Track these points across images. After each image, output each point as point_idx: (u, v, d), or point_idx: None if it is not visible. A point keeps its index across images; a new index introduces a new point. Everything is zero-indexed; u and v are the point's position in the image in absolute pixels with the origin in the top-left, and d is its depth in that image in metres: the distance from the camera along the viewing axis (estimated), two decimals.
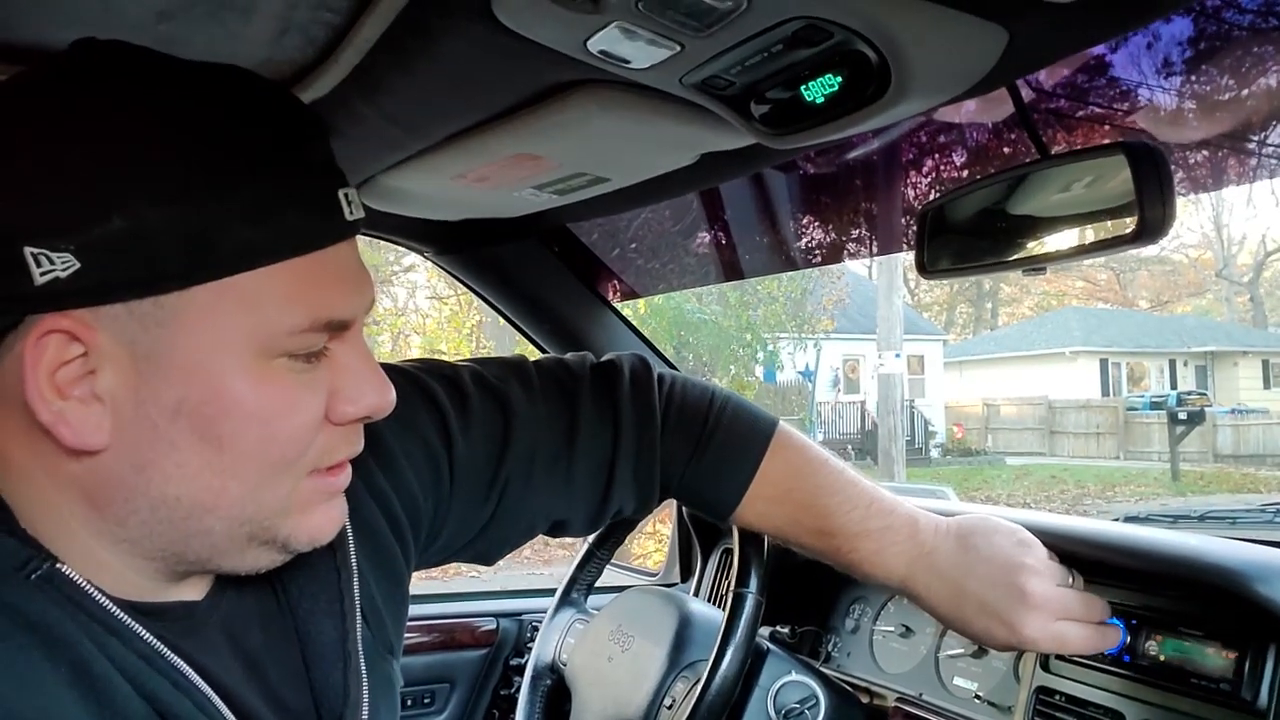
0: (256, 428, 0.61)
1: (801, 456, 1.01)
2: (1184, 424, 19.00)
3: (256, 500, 0.63)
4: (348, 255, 0.65)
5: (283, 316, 0.60)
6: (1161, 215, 0.83)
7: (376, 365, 0.69)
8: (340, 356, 0.66)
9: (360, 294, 0.66)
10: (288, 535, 0.66)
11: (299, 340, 0.62)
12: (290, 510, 0.66)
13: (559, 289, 1.80)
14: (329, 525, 0.69)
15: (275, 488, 0.64)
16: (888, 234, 1.68)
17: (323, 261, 0.62)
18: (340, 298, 0.63)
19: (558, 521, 1.00)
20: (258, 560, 0.67)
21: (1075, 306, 33.29)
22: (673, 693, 1.30)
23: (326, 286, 0.62)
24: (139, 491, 0.61)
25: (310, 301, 0.61)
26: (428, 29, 0.81)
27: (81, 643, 0.59)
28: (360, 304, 0.66)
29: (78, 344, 0.57)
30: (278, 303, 0.60)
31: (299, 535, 0.67)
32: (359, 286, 0.66)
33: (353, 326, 0.66)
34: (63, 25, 0.84)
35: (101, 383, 0.58)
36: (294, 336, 0.61)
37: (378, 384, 0.67)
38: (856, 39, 0.72)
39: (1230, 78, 1.35)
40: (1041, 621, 0.93)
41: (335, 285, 0.63)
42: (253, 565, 0.67)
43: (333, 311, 0.63)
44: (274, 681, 0.70)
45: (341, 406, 0.66)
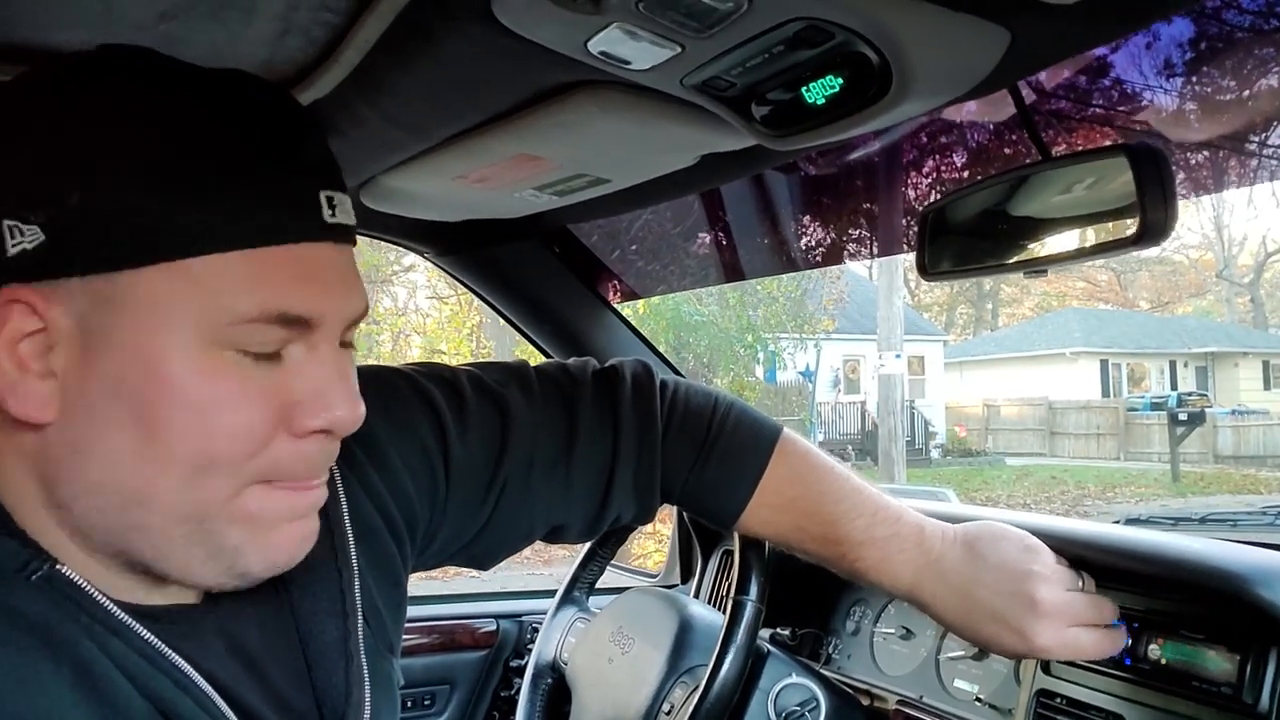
0: (191, 418, 0.59)
1: (806, 464, 1.00)
2: (1184, 425, 19.00)
3: (191, 499, 0.61)
4: (327, 259, 0.63)
5: (231, 304, 0.59)
6: (1163, 218, 0.83)
7: (349, 380, 0.66)
8: (307, 365, 0.63)
9: (332, 298, 0.63)
10: (236, 548, 0.63)
11: (248, 332, 0.60)
12: (237, 519, 0.63)
13: (559, 290, 1.79)
14: (289, 547, 0.66)
15: (211, 488, 0.61)
16: (888, 235, 1.68)
17: (290, 257, 0.61)
18: (300, 293, 0.61)
19: (556, 527, 0.99)
20: (210, 574, 0.64)
21: (1076, 307, 33.29)
22: (671, 698, 1.30)
23: (287, 282, 0.60)
24: (78, 474, 0.60)
25: (262, 291, 0.59)
26: (428, 30, 0.81)
27: (83, 643, 0.59)
28: (330, 306, 0.63)
29: (37, 318, 0.58)
30: (226, 290, 0.59)
31: (250, 552, 0.64)
32: (332, 291, 0.63)
33: (319, 330, 0.63)
34: (65, 25, 0.84)
35: (55, 359, 0.59)
36: (243, 326, 0.59)
37: (344, 398, 0.64)
38: (858, 40, 0.71)
39: (1231, 79, 1.34)
40: (1053, 629, 0.92)
41: (299, 282, 0.61)
42: (205, 578, 0.64)
43: (287, 304, 0.60)
44: (275, 682, 0.70)
45: (300, 417, 0.63)
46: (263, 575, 0.66)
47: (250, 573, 0.65)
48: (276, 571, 0.66)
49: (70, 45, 0.87)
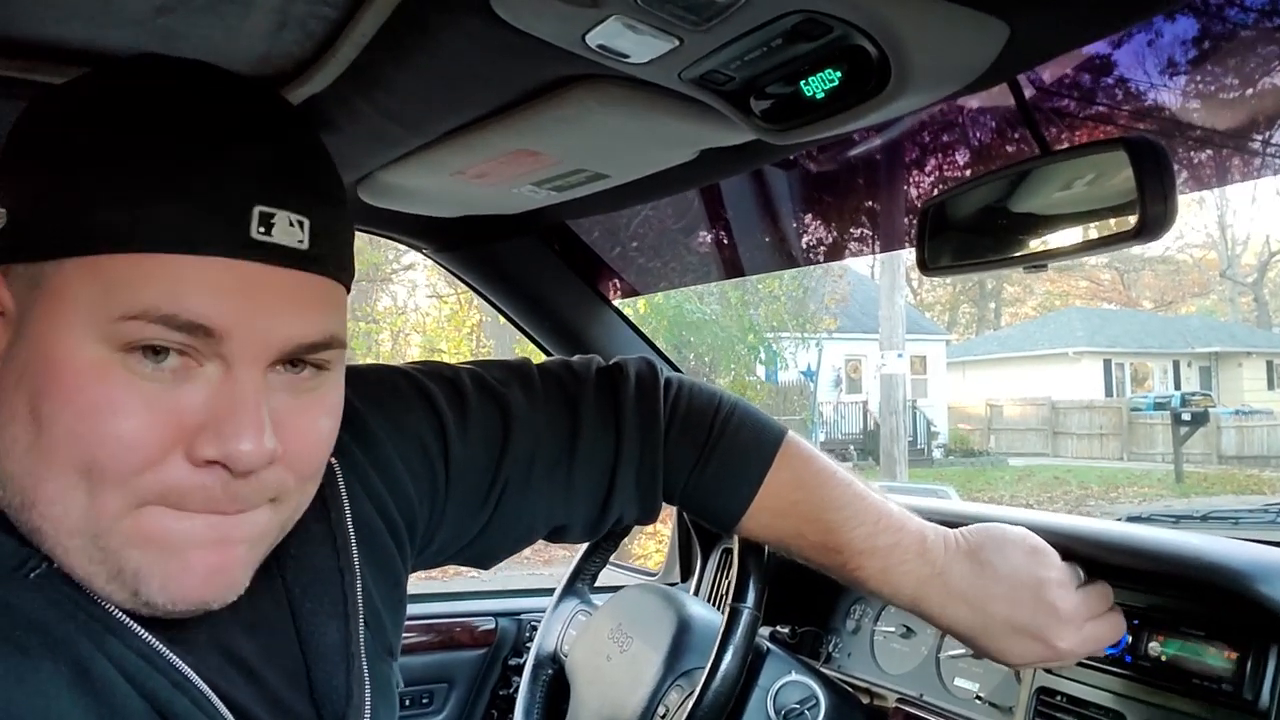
0: (71, 417, 0.57)
1: (809, 469, 0.98)
2: (1188, 425, 18.97)
3: (79, 508, 0.58)
4: (254, 277, 0.59)
5: (127, 298, 0.57)
6: (1163, 212, 0.82)
7: (259, 414, 0.60)
8: (216, 388, 0.59)
9: (251, 316, 0.59)
10: (135, 572, 0.59)
11: (132, 329, 0.57)
12: (134, 540, 0.59)
13: (558, 286, 1.79)
14: (193, 581, 0.61)
15: (97, 498, 0.58)
16: (889, 231, 1.67)
17: (204, 268, 0.58)
18: (207, 304, 0.57)
19: (557, 527, 0.98)
20: (127, 600, 0.60)
21: (1079, 307, 33.26)
22: (666, 701, 1.30)
23: (193, 289, 0.57)
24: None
25: (166, 291, 0.57)
26: (425, 24, 0.80)
27: (80, 643, 0.59)
28: (245, 325, 0.59)
29: None
30: (129, 287, 0.57)
31: (149, 580, 0.59)
32: (253, 309, 0.59)
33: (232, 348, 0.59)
34: (62, 19, 0.84)
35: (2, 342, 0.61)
36: (131, 322, 0.57)
37: (250, 430, 0.59)
38: (856, 33, 0.71)
39: (1234, 77, 1.34)
40: (1074, 632, 0.92)
41: (208, 293, 0.58)
42: (130, 605, 0.60)
43: (181, 306, 0.57)
44: (271, 684, 0.70)
45: (198, 442, 0.59)
46: (172, 608, 0.61)
47: (155, 602, 0.60)
48: (187, 606, 0.61)
49: (67, 39, 0.86)
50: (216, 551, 0.62)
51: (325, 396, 0.67)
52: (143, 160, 0.59)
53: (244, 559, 0.64)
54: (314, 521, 0.75)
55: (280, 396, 0.62)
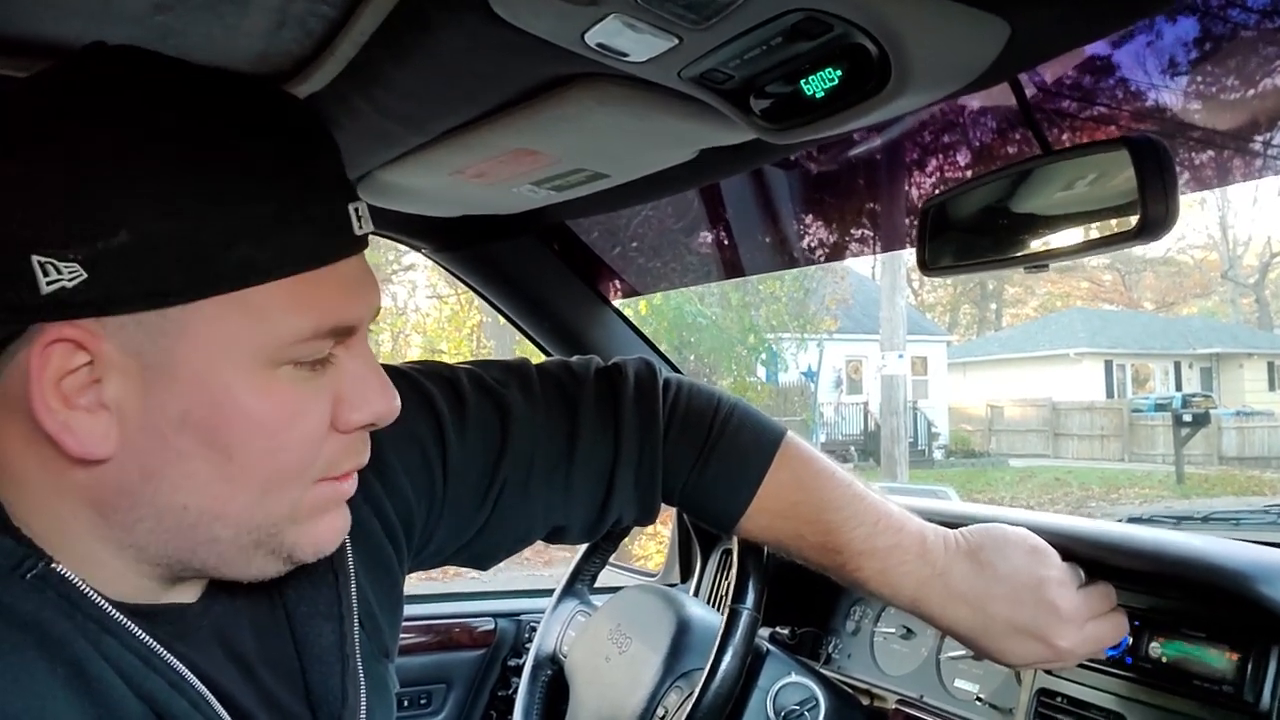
0: (263, 437, 0.61)
1: (809, 469, 0.98)
2: (1189, 426, 18.96)
3: (265, 508, 0.63)
4: (355, 266, 0.65)
5: (287, 326, 0.60)
6: (1164, 212, 0.82)
7: (381, 371, 0.69)
8: (345, 363, 0.66)
9: (365, 300, 0.66)
10: (293, 544, 0.66)
11: (304, 348, 0.62)
12: (299, 519, 0.65)
13: (558, 287, 1.79)
14: (333, 534, 0.69)
15: (283, 496, 0.64)
16: (889, 231, 1.67)
17: (333, 275, 0.63)
18: (345, 305, 0.64)
19: (556, 528, 0.98)
20: (263, 569, 0.66)
21: (1080, 308, 33.24)
22: (665, 703, 1.29)
23: (332, 296, 0.62)
24: (146, 500, 0.61)
25: (315, 310, 0.61)
26: (424, 22, 0.80)
27: (77, 642, 0.59)
28: (365, 310, 0.66)
29: (84, 353, 0.57)
30: (282, 314, 0.60)
31: (304, 544, 0.66)
32: (364, 293, 0.66)
33: (357, 332, 0.66)
34: (60, 18, 0.84)
35: (108, 391, 0.58)
36: (299, 345, 0.61)
37: (383, 389, 0.67)
38: (856, 32, 0.71)
39: (1235, 77, 1.34)
40: (1075, 631, 0.91)
41: (341, 294, 0.63)
42: (257, 574, 0.66)
43: (338, 318, 0.63)
44: (268, 685, 0.70)
45: (347, 414, 0.65)
46: (310, 559, 0.68)
47: (301, 559, 0.67)
48: (322, 554, 0.69)
49: (66, 38, 0.86)
50: (342, 511, 0.70)
51: None
52: (264, 191, 0.59)
53: (349, 513, 0.71)
54: None
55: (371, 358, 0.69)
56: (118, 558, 0.63)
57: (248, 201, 0.58)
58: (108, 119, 0.57)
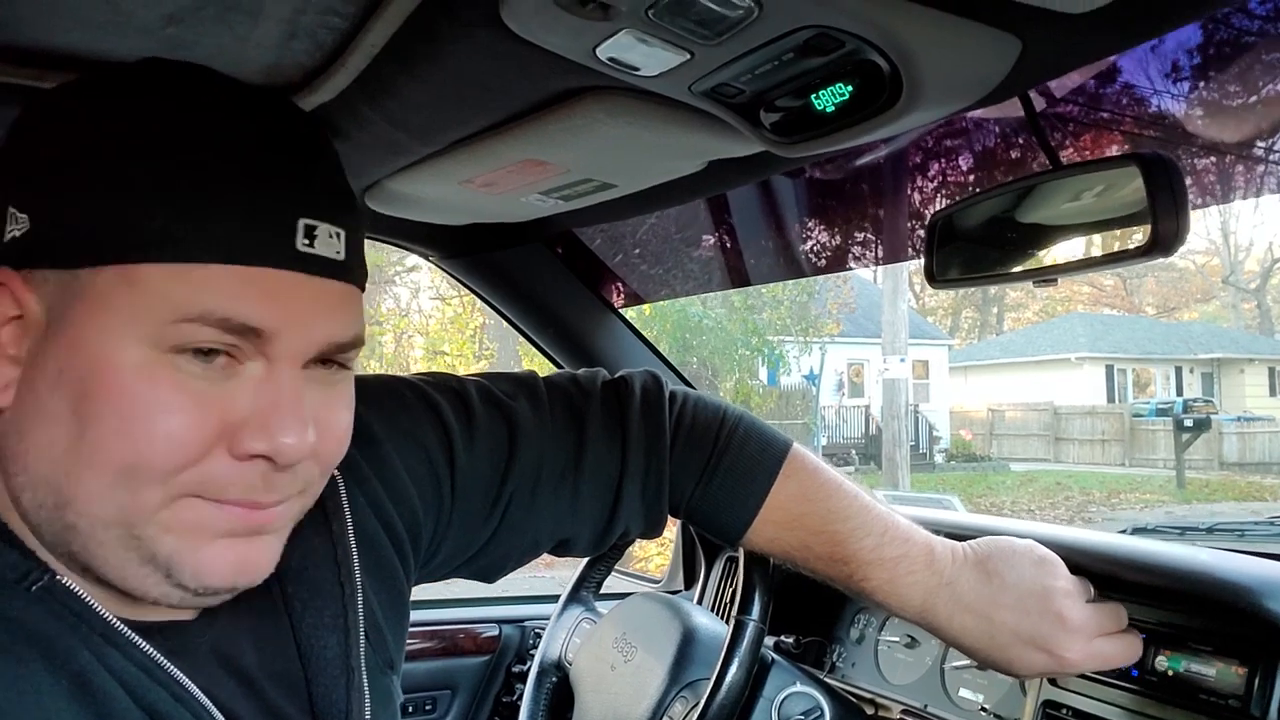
0: (118, 416, 0.58)
1: (814, 480, 0.98)
2: (1190, 431, 18.95)
3: (116, 501, 0.59)
4: (295, 285, 0.61)
5: (175, 305, 0.58)
6: (1175, 229, 0.82)
7: (299, 409, 0.62)
8: (259, 384, 0.61)
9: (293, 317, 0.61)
10: (169, 559, 0.61)
11: (189, 331, 0.58)
12: (169, 529, 0.61)
13: (563, 294, 1.79)
14: (224, 569, 0.63)
15: (139, 495, 0.59)
16: (894, 242, 1.67)
17: (248, 276, 0.59)
18: (255, 305, 0.59)
19: (562, 540, 0.98)
20: (157, 586, 0.62)
21: (1081, 312, 33.25)
22: (671, 713, 1.29)
23: (240, 295, 0.59)
24: (20, 463, 0.61)
25: (209, 297, 0.58)
26: (435, 35, 0.80)
27: (81, 654, 0.59)
28: (288, 325, 0.61)
29: (14, 303, 0.60)
30: (175, 295, 0.58)
31: (183, 564, 0.61)
32: (295, 311, 0.61)
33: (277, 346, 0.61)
34: (71, 28, 0.84)
35: (24, 345, 0.61)
36: (184, 325, 0.58)
37: (288, 425, 0.61)
38: (868, 48, 0.71)
39: (1240, 85, 1.34)
40: (1082, 644, 0.91)
41: (252, 294, 0.60)
42: (156, 592, 0.62)
43: (234, 310, 0.59)
44: (271, 698, 0.70)
45: (242, 437, 0.61)
46: (203, 591, 0.63)
47: (187, 587, 0.62)
48: (214, 592, 0.63)
49: (76, 48, 0.86)
50: (246, 542, 0.64)
51: (346, 392, 0.69)
52: (192, 173, 0.60)
53: (271, 547, 0.67)
54: (315, 534, 0.75)
55: (312, 392, 0.65)
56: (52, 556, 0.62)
57: (170, 182, 0.59)
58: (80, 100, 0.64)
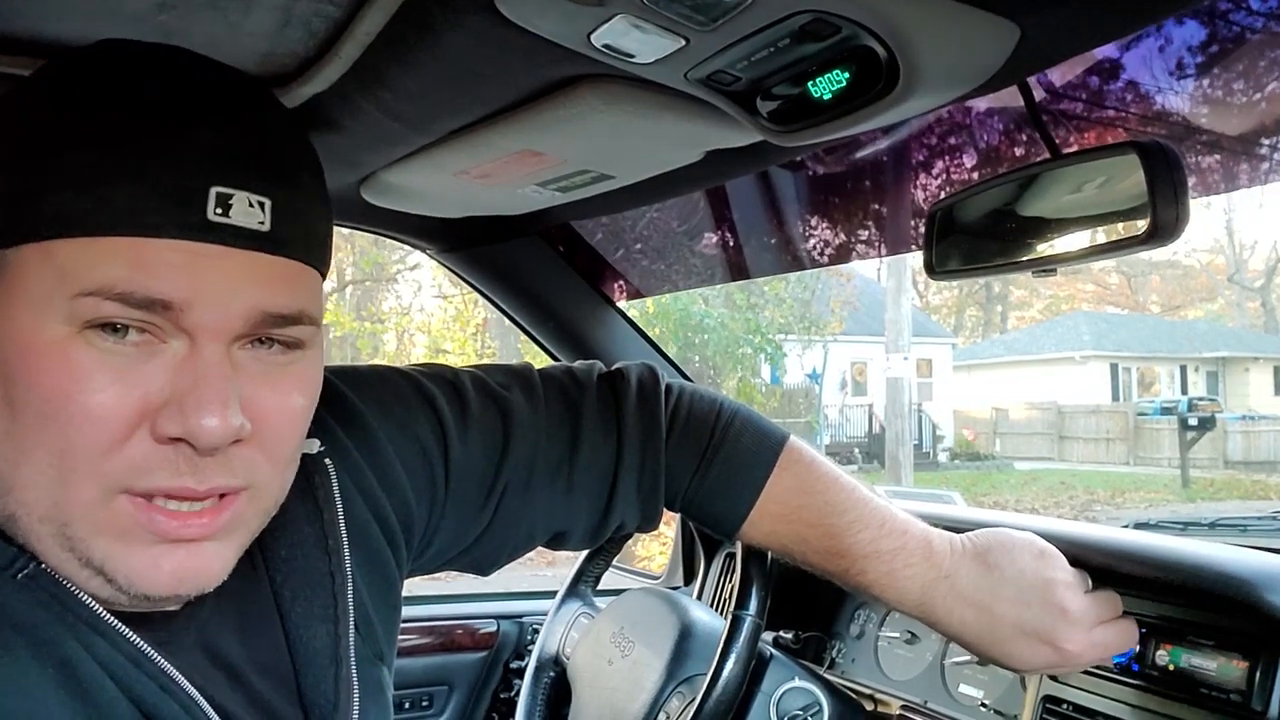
0: (39, 396, 0.57)
1: (811, 473, 0.97)
2: (1194, 430, 18.92)
3: (51, 495, 0.58)
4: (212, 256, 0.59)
5: (81, 278, 0.57)
6: (1175, 216, 0.81)
7: (223, 390, 0.59)
8: (181, 363, 0.59)
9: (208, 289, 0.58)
10: (103, 562, 0.59)
11: (89, 306, 0.57)
12: (100, 531, 0.59)
13: (563, 288, 1.79)
14: (161, 577, 0.60)
15: (71, 487, 0.58)
16: (896, 234, 1.66)
17: (160, 248, 0.57)
18: (166, 277, 0.57)
19: (557, 533, 0.97)
20: (100, 589, 0.60)
21: (1085, 310, 33.22)
22: (668, 708, 1.29)
23: (151, 267, 0.57)
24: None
25: (114, 270, 0.57)
26: (429, 23, 0.80)
27: (68, 644, 0.59)
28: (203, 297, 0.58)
29: None
30: (83, 269, 0.57)
31: (118, 569, 0.59)
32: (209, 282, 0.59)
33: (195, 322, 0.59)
34: (62, 17, 0.84)
35: None
36: (89, 299, 0.56)
37: (207, 405, 0.58)
38: (865, 34, 0.70)
39: (1243, 81, 1.33)
40: (1082, 635, 0.90)
41: (164, 267, 0.57)
42: (101, 593, 0.60)
43: (138, 284, 0.57)
44: (259, 690, 0.69)
45: (163, 419, 0.58)
46: (144, 599, 0.61)
47: (122, 587, 0.60)
48: (159, 596, 0.61)
49: (68, 37, 0.86)
50: (186, 549, 0.61)
51: (300, 374, 0.65)
52: (95, 144, 0.58)
53: (220, 555, 0.63)
54: (305, 524, 0.74)
55: (250, 374, 0.62)
56: None
57: (74, 154, 0.58)
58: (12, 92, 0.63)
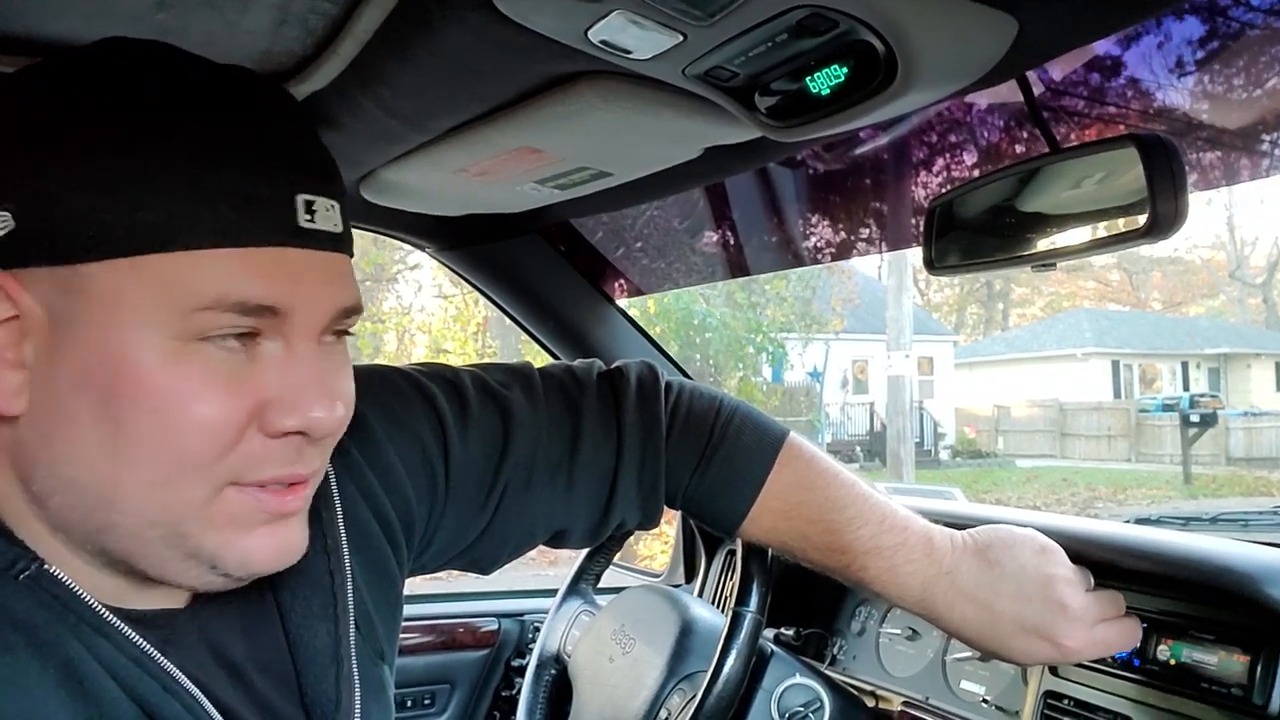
0: (153, 411, 0.58)
1: (811, 470, 0.97)
2: (1196, 426, 18.91)
3: (160, 501, 0.59)
4: (300, 258, 0.61)
5: (190, 295, 0.58)
6: (1174, 209, 0.81)
7: (327, 381, 0.64)
8: (282, 362, 0.62)
9: (304, 291, 0.61)
10: (214, 554, 0.62)
11: (207, 320, 0.58)
12: (214, 524, 0.61)
13: (563, 286, 1.79)
14: (268, 554, 0.64)
15: (183, 490, 0.60)
16: (896, 230, 1.66)
17: (255, 256, 0.59)
18: (266, 284, 0.59)
19: (558, 531, 0.97)
20: (199, 577, 0.63)
21: (1087, 308, 33.15)
22: (668, 705, 1.29)
23: (248, 274, 0.59)
24: (45, 468, 0.60)
25: (223, 283, 0.58)
26: (427, 19, 0.80)
27: (70, 644, 0.59)
28: (301, 300, 0.61)
29: (9, 304, 0.58)
30: (188, 284, 0.58)
31: (228, 557, 0.62)
32: (304, 285, 0.61)
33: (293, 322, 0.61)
34: (60, 15, 0.84)
35: (26, 348, 0.59)
36: (202, 314, 0.58)
37: (321, 398, 0.62)
38: (862, 28, 0.70)
39: (1243, 76, 1.33)
40: (1084, 631, 0.90)
41: (262, 275, 0.59)
42: (196, 581, 0.63)
43: (249, 293, 0.59)
44: (261, 689, 0.69)
45: (275, 416, 0.61)
46: (247, 577, 0.64)
47: (232, 575, 0.63)
48: (262, 572, 0.65)
49: (66, 36, 0.86)
50: (284, 525, 0.65)
51: (348, 359, 0.70)
52: (187, 158, 0.58)
53: (303, 527, 0.68)
54: None
55: (324, 363, 0.65)
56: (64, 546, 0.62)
57: (167, 168, 0.58)
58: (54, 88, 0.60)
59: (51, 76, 0.61)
